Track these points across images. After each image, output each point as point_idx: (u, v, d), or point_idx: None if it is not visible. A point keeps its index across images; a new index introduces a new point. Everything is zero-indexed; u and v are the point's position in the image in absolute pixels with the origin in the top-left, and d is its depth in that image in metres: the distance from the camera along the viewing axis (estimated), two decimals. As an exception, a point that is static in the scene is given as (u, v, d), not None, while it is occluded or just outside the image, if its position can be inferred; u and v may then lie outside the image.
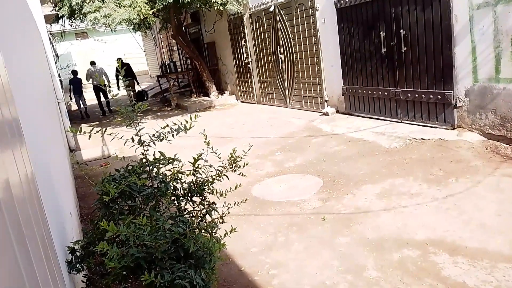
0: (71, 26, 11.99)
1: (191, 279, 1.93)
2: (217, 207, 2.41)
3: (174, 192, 2.36)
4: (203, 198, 2.42)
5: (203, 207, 2.40)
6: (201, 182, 2.39)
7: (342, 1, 6.96)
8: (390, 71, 6.33)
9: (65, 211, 2.72)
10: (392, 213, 3.75)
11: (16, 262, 0.86)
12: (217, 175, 2.43)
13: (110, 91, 2.20)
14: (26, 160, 1.30)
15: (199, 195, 2.40)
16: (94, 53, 22.38)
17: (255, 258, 3.37)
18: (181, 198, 2.39)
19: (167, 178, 2.33)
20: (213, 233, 2.29)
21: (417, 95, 5.93)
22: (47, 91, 5.00)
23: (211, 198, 2.44)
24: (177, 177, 2.36)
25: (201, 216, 2.39)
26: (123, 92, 10.95)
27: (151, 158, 2.28)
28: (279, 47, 9.13)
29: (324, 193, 4.45)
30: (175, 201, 2.37)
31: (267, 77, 10.00)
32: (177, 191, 2.38)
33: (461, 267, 2.83)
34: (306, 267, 3.14)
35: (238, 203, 2.43)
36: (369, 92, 6.85)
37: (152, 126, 2.62)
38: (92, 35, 22.63)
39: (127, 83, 2.28)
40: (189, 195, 2.40)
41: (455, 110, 5.47)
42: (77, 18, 9.35)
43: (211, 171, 2.44)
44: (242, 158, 2.50)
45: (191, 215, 2.37)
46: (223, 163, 2.47)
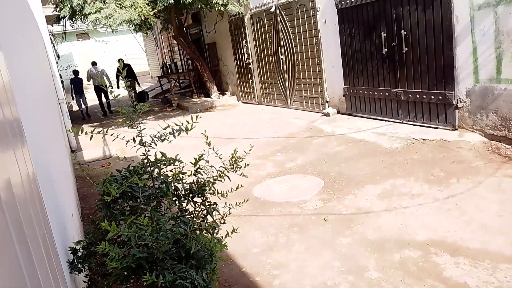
0: (72, 27, 12.02)
1: (193, 280, 1.93)
2: (218, 208, 2.41)
3: (175, 192, 2.36)
4: (205, 198, 2.42)
5: (205, 208, 2.40)
6: (202, 182, 2.40)
7: (343, 2, 6.95)
8: (391, 72, 6.32)
9: (67, 211, 2.72)
10: (393, 214, 3.75)
11: (17, 261, 0.86)
12: (218, 176, 2.43)
13: (111, 92, 2.21)
14: (27, 160, 1.30)
15: (200, 195, 2.41)
16: (95, 54, 22.39)
17: (256, 258, 3.37)
18: (183, 198, 2.39)
19: (168, 178, 2.34)
20: (215, 234, 2.29)
21: (418, 96, 5.92)
22: (48, 92, 5.00)
23: (213, 198, 2.44)
24: (178, 178, 2.36)
25: (203, 216, 2.39)
26: (124, 92, 10.96)
27: (152, 158, 2.28)
28: (280, 47, 9.13)
29: (325, 194, 4.44)
30: (177, 202, 2.37)
31: (268, 77, 10.00)
32: (178, 192, 2.38)
33: (463, 268, 2.83)
34: (307, 267, 3.14)
35: (239, 204, 2.43)
36: (370, 92, 6.85)
37: (153, 126, 2.63)
38: (93, 35, 22.69)
39: (129, 84, 2.27)
40: (191, 195, 2.40)
41: (456, 110, 5.47)
42: (78, 19, 9.36)
43: (212, 172, 2.44)
44: (243, 158, 2.50)
45: (192, 216, 2.37)
46: (224, 163, 2.47)
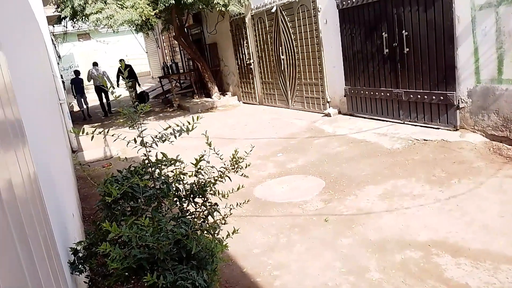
0: (74, 27, 12.01)
1: (193, 280, 1.93)
2: (219, 208, 2.41)
3: (176, 193, 2.36)
4: (205, 199, 2.42)
5: (205, 208, 2.40)
6: (203, 183, 2.39)
7: (344, 2, 6.95)
8: (392, 72, 6.32)
9: (68, 212, 2.72)
10: (394, 214, 3.74)
11: (18, 261, 0.86)
12: (219, 176, 2.43)
13: (113, 92, 2.21)
14: (28, 160, 1.30)
15: (201, 196, 2.40)
16: (96, 54, 22.43)
17: (257, 259, 3.37)
18: (183, 199, 2.39)
19: (169, 179, 2.33)
20: (215, 234, 2.29)
21: (419, 96, 5.92)
22: (49, 92, 5.01)
23: (213, 199, 2.44)
24: (179, 178, 2.36)
25: (203, 217, 2.39)
26: (125, 93, 10.96)
27: (153, 159, 2.28)
28: (281, 48, 9.13)
29: (326, 194, 4.44)
30: (178, 202, 2.37)
31: (269, 78, 10.00)
32: (179, 192, 2.38)
33: (464, 269, 2.82)
34: (308, 268, 3.13)
35: (240, 204, 2.43)
36: (371, 93, 6.84)
37: (154, 127, 2.63)
38: (94, 36, 22.73)
39: (130, 84, 2.28)
40: (191, 196, 2.40)
41: (458, 111, 5.46)
42: (80, 19, 9.37)
43: (213, 172, 2.44)
44: (244, 159, 2.50)
45: (193, 216, 2.37)
46: (225, 164, 2.47)
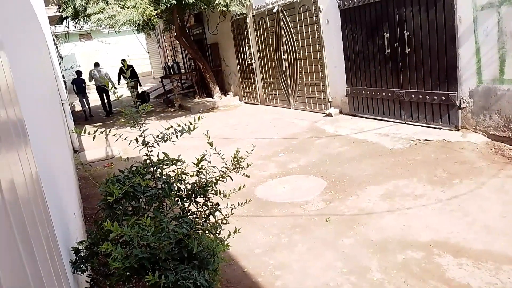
0: (75, 27, 12.03)
1: (195, 280, 1.93)
2: (220, 208, 2.42)
3: (177, 193, 2.36)
4: (207, 199, 2.42)
5: (207, 208, 2.40)
6: (204, 183, 2.40)
7: (345, 2, 6.95)
8: (393, 72, 6.31)
9: (69, 212, 2.73)
10: (396, 215, 3.74)
11: (21, 261, 0.86)
12: (220, 176, 2.43)
13: (114, 93, 2.21)
14: (30, 160, 1.30)
15: (202, 196, 2.41)
16: (97, 54, 22.46)
17: (259, 259, 3.37)
18: (185, 199, 2.40)
19: (171, 179, 2.34)
20: (217, 234, 2.29)
21: (421, 96, 5.91)
22: (51, 92, 5.02)
23: (215, 199, 2.44)
24: (180, 178, 2.37)
25: (205, 217, 2.39)
26: (126, 93, 10.98)
27: (155, 159, 2.29)
28: (282, 48, 9.13)
29: (327, 194, 4.44)
30: (179, 202, 2.37)
31: (271, 78, 10.00)
32: (180, 192, 2.39)
33: (466, 269, 2.82)
34: (309, 268, 3.13)
35: (241, 204, 2.43)
36: (373, 93, 6.84)
37: (155, 127, 2.63)
38: (96, 36, 22.73)
39: (132, 85, 2.28)
40: (193, 196, 2.40)
41: (459, 111, 5.45)
42: (81, 19, 9.37)
43: (215, 172, 2.44)
44: (245, 159, 2.50)
45: (194, 216, 2.37)
46: (226, 164, 2.47)
